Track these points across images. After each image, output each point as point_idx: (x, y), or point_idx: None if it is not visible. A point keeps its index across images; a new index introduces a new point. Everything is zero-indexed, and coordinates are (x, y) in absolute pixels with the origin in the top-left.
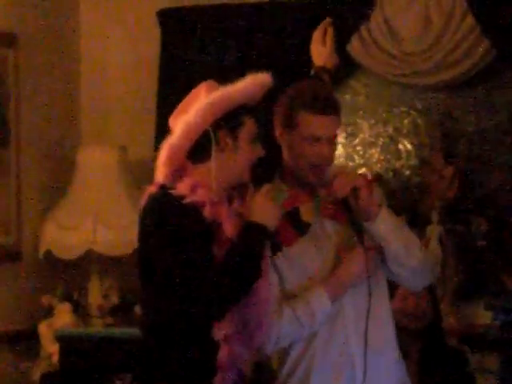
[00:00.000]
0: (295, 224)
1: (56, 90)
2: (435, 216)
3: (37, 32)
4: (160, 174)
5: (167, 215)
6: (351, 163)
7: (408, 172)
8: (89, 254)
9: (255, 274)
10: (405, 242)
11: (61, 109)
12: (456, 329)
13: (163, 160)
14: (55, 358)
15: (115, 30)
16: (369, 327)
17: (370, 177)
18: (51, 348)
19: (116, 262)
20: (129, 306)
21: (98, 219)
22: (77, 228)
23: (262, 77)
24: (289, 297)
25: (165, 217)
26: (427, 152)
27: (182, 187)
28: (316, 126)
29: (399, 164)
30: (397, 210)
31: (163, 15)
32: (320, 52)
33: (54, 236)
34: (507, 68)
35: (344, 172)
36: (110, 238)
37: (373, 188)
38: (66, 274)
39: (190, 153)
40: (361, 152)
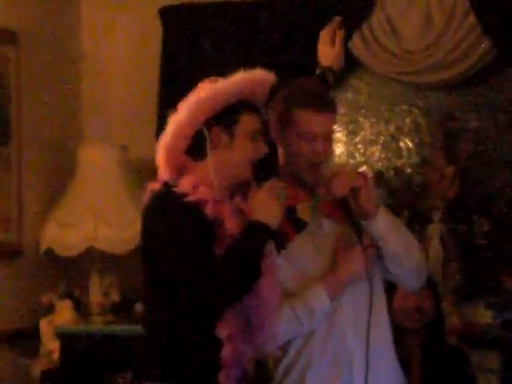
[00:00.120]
0: (292, 222)
1: (57, 89)
2: (436, 215)
3: (38, 30)
4: (162, 172)
5: (169, 213)
6: (352, 161)
7: (409, 170)
8: (89, 252)
9: (255, 274)
10: (403, 242)
11: (62, 107)
12: (457, 328)
13: (161, 160)
14: (56, 355)
15: (116, 29)
16: (370, 327)
17: (371, 175)
18: (52, 345)
19: (117, 260)
20: (129, 304)
21: (99, 217)
22: (77, 226)
23: (256, 73)
24: (287, 294)
25: (166, 215)
26: (428, 151)
27: (185, 185)
28: (312, 124)
29: (400, 162)
30: (398, 209)
31: (165, 13)
32: (328, 53)
33: (55, 234)
34: (508, 67)
35: (343, 171)
36: (111, 236)
37: (372, 187)
38: (67, 272)
39: (189, 150)
40: (362, 150)
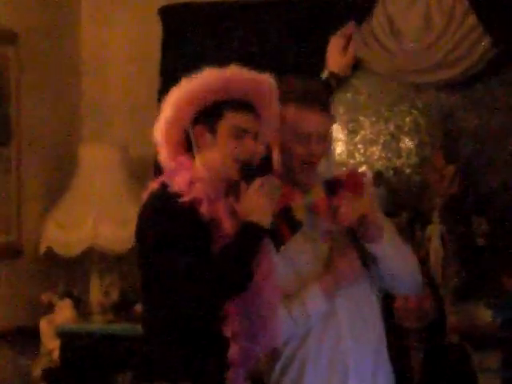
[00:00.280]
0: (288, 222)
1: (57, 88)
2: (436, 215)
3: (38, 29)
4: (166, 168)
5: (163, 215)
6: (352, 161)
7: (409, 170)
8: (90, 252)
9: (249, 274)
10: (402, 258)
11: (62, 107)
12: (457, 328)
13: (164, 157)
14: (56, 355)
15: (116, 28)
16: (364, 327)
17: (371, 175)
18: (52, 344)
19: (117, 259)
20: (129, 303)
21: (99, 217)
22: (78, 225)
23: (245, 71)
24: (283, 295)
25: (160, 217)
26: (428, 150)
27: (180, 182)
28: (306, 122)
29: (400, 162)
30: (397, 209)
31: (165, 12)
32: (339, 60)
33: (55, 233)
34: (508, 66)
35: (347, 198)
36: (111, 236)
37: (377, 211)
38: (67, 271)
39: (187, 146)
40: (361, 150)
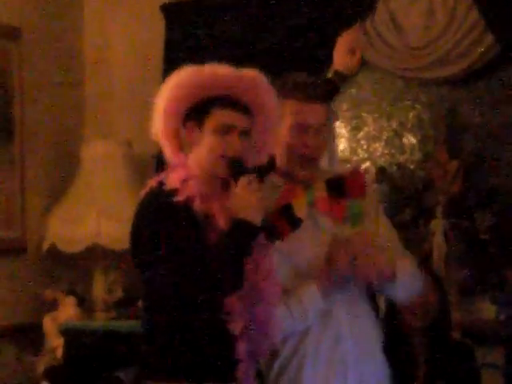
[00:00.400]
0: (288, 219)
1: (60, 85)
2: (439, 210)
3: (40, 26)
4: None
5: (156, 214)
6: (355, 157)
7: (412, 166)
8: (93, 248)
9: (241, 271)
10: (411, 284)
11: (65, 103)
12: (460, 323)
13: (168, 154)
14: (59, 352)
15: (119, 24)
16: (363, 326)
17: (374, 171)
18: (55, 341)
19: (120, 256)
20: (133, 300)
21: (103, 213)
22: (81, 222)
23: (217, 68)
24: (282, 291)
25: (154, 216)
26: (431, 146)
27: (174, 180)
28: (302, 114)
29: (403, 158)
30: (401, 205)
31: (167, 9)
32: (346, 61)
33: (59, 230)
34: (511, 62)
35: (363, 256)
36: (115, 232)
37: (391, 255)
38: (71, 268)
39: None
40: (365, 146)
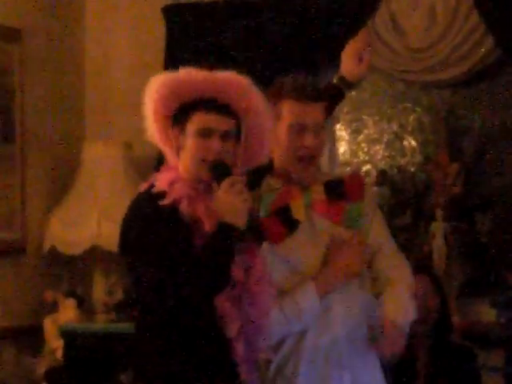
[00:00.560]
0: (286, 221)
1: (61, 86)
2: (440, 213)
3: (41, 27)
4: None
5: (143, 217)
6: (356, 160)
7: (413, 169)
8: (93, 250)
9: (226, 273)
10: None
11: (66, 104)
12: (460, 326)
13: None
14: (59, 354)
15: (120, 26)
16: (359, 325)
17: (375, 173)
18: (55, 343)
19: (120, 258)
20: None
21: (103, 215)
22: (81, 224)
23: (194, 72)
24: (279, 292)
25: (141, 219)
26: (432, 149)
27: (162, 181)
28: (299, 114)
29: (404, 161)
30: (401, 207)
31: (168, 11)
32: (353, 68)
33: (59, 232)
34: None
35: (389, 332)
36: (115, 234)
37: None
38: (71, 270)
39: None
40: (365, 149)
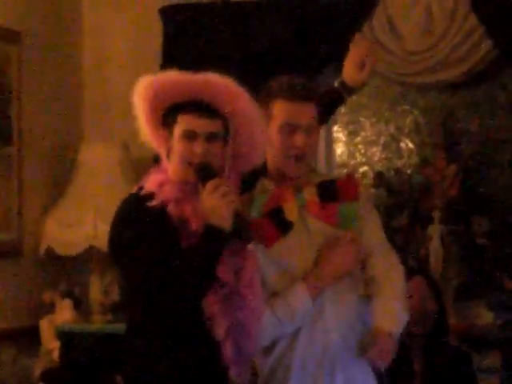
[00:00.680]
0: (278, 223)
1: (59, 87)
2: (437, 215)
3: (40, 29)
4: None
5: (131, 219)
6: (353, 161)
7: (409, 171)
8: (90, 251)
9: (209, 276)
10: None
11: (63, 106)
12: (457, 328)
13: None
14: (56, 355)
15: (118, 27)
16: (351, 326)
17: (372, 175)
18: (52, 344)
19: None
20: None
21: (100, 216)
22: (78, 225)
23: (177, 74)
24: (271, 293)
25: (129, 221)
26: (429, 151)
27: (151, 183)
28: (291, 113)
29: (401, 163)
30: (398, 210)
31: (165, 12)
32: (355, 75)
33: (56, 232)
34: (509, 67)
35: (380, 342)
36: None
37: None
38: (67, 271)
39: None
40: (362, 150)
